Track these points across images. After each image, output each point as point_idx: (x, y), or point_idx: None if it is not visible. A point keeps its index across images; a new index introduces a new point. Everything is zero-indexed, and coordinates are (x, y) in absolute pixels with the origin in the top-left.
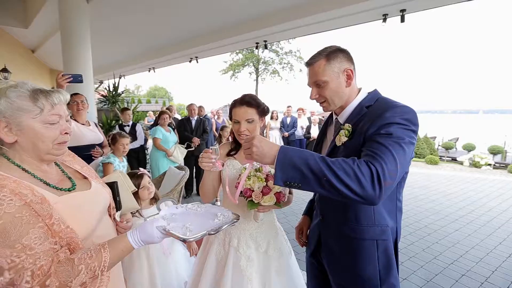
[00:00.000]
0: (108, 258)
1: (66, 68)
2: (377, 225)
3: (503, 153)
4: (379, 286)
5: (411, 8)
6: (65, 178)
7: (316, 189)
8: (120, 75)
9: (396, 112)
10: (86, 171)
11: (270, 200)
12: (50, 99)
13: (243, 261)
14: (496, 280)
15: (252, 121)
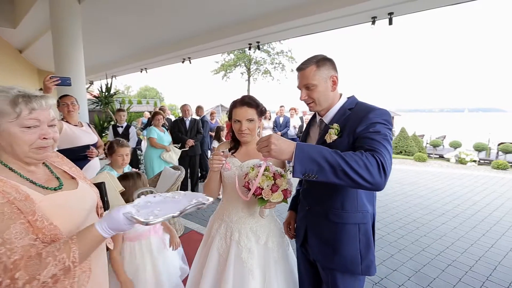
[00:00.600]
0: (77, 249)
1: (58, 69)
2: (360, 211)
3: (487, 150)
4: (360, 263)
5: (399, 11)
6: (53, 178)
7: (332, 179)
8: (111, 75)
9: (377, 114)
10: (74, 171)
11: (278, 197)
12: (29, 105)
13: (245, 254)
14: (479, 269)
15: (252, 120)
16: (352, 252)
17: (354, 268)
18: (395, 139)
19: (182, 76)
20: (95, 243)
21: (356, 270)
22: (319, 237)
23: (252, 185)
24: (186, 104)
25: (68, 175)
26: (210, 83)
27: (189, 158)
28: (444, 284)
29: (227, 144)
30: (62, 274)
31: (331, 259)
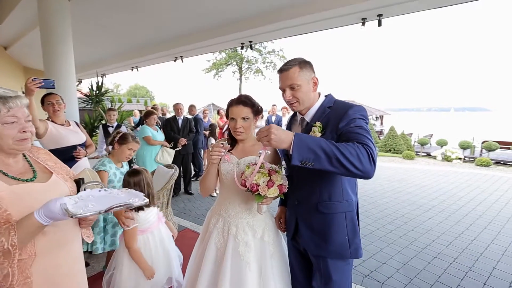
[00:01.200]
0: (16, 234)
1: (46, 67)
2: (345, 200)
3: (472, 148)
4: (348, 247)
5: (388, 13)
6: (29, 171)
7: (327, 166)
8: (101, 73)
9: (355, 110)
10: (55, 167)
11: (274, 192)
12: (7, 104)
13: (242, 247)
14: (463, 260)
15: (247, 119)
16: (342, 239)
17: (344, 252)
18: (384, 138)
19: (173, 74)
20: (33, 229)
21: (346, 254)
22: (310, 228)
23: (248, 182)
24: (178, 103)
25: (47, 170)
26: (202, 82)
27: (182, 157)
28: (430, 275)
29: (224, 142)
30: (2, 255)
31: (323, 247)
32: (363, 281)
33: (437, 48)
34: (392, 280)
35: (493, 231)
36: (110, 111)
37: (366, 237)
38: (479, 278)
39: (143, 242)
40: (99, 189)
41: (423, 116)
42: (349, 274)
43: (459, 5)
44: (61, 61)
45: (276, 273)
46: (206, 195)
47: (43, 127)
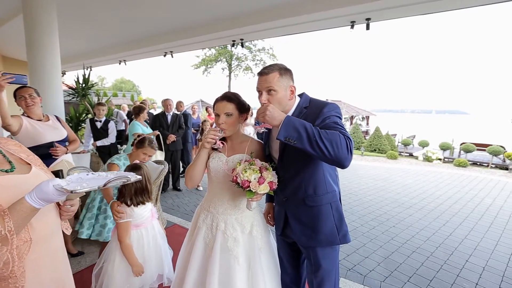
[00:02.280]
0: (10, 220)
1: (30, 58)
2: (329, 192)
3: (451, 149)
4: (337, 235)
5: (376, 17)
6: (5, 162)
7: (306, 146)
8: (87, 66)
9: (330, 108)
10: (31, 159)
11: (265, 188)
12: None
13: (230, 242)
14: (439, 254)
15: (231, 114)
16: (330, 228)
17: (334, 239)
18: (370, 138)
19: (161, 69)
20: (27, 213)
21: (335, 241)
22: (299, 222)
23: (239, 178)
24: (168, 99)
25: (23, 161)
26: (190, 78)
27: (171, 153)
28: (409, 268)
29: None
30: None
31: (314, 238)
32: (347, 274)
33: (422, 52)
34: (373, 273)
35: (467, 227)
36: (100, 105)
37: (351, 233)
38: (453, 271)
39: (137, 238)
40: (87, 173)
41: (407, 117)
42: (337, 260)
43: (444, 12)
44: (46, 52)
45: (264, 267)
46: (192, 185)
47: (16, 123)
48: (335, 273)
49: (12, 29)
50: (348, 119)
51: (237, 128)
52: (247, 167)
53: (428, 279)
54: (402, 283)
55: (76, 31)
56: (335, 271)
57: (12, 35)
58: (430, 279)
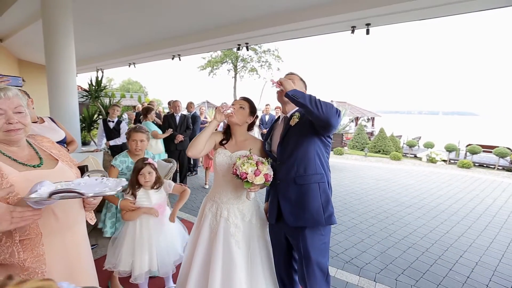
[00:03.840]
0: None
1: (49, 62)
2: (318, 173)
3: (457, 151)
4: (323, 214)
5: (375, 22)
6: (36, 157)
7: (307, 103)
8: (98, 68)
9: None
10: (60, 155)
11: (260, 180)
12: None
13: (232, 228)
14: (434, 250)
15: (243, 108)
16: (316, 206)
17: (319, 218)
18: (374, 139)
19: (167, 71)
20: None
21: (321, 221)
22: (289, 201)
23: (238, 170)
24: (176, 100)
25: (52, 157)
26: (196, 79)
27: (179, 152)
28: (404, 262)
29: (221, 134)
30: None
31: (301, 216)
32: (344, 266)
33: (432, 53)
34: (369, 265)
35: (465, 225)
36: (115, 106)
37: (350, 229)
38: (446, 265)
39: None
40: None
41: (414, 118)
42: (326, 251)
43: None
44: (63, 56)
45: (263, 251)
46: (192, 153)
47: None
48: (325, 263)
49: (29, 34)
50: (353, 120)
51: (242, 123)
52: (245, 161)
53: (422, 271)
54: (396, 275)
55: (89, 35)
56: (325, 262)
57: (29, 39)
58: (424, 272)
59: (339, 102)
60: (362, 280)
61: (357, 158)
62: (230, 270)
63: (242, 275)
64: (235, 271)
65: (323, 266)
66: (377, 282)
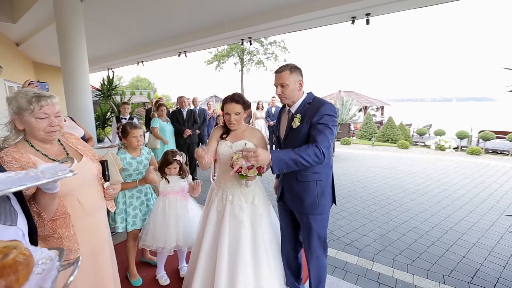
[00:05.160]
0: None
1: (63, 63)
2: (316, 172)
3: (469, 138)
4: (318, 204)
5: (375, 12)
6: (63, 153)
7: (295, 168)
8: (108, 67)
9: (326, 108)
10: (85, 151)
11: (254, 172)
12: (40, 102)
13: (237, 210)
14: (434, 233)
15: (239, 113)
16: (313, 198)
17: (314, 209)
18: (382, 128)
19: (175, 66)
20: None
21: (316, 211)
22: (291, 193)
23: (234, 165)
24: (183, 96)
25: (78, 152)
26: (204, 74)
27: (188, 146)
28: (402, 244)
29: (221, 129)
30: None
31: (301, 206)
32: (344, 248)
33: (446, 38)
34: (369, 247)
35: (467, 210)
36: (125, 104)
37: (352, 215)
38: (443, 246)
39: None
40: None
41: (427, 106)
42: (325, 224)
43: (442, 4)
44: (76, 58)
45: (265, 230)
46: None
47: None
48: (324, 233)
49: (43, 37)
50: (361, 109)
51: (242, 121)
52: (239, 156)
53: (419, 252)
54: (393, 255)
55: (100, 36)
56: (323, 232)
57: (43, 43)
58: (421, 252)
59: (346, 92)
60: (360, 260)
61: (364, 148)
62: (236, 248)
63: (247, 252)
64: (240, 250)
65: (321, 235)
66: (375, 262)
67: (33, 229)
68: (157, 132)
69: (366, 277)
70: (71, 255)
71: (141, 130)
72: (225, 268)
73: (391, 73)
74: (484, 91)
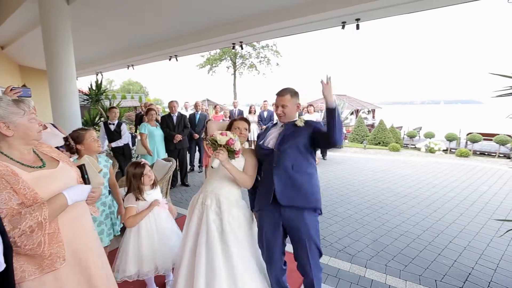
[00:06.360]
0: (47, 210)
1: (49, 68)
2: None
3: (458, 140)
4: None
5: (365, 17)
6: (38, 160)
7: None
8: (98, 72)
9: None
10: (61, 157)
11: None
12: (26, 104)
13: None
14: (425, 237)
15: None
16: (307, 190)
17: (309, 200)
18: (374, 131)
19: (167, 70)
20: (61, 208)
21: (311, 203)
22: (284, 185)
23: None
24: (173, 101)
25: (53, 159)
26: (196, 77)
27: (178, 151)
28: (394, 249)
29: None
30: (36, 226)
31: (295, 198)
32: (337, 254)
33: (434, 42)
34: (361, 253)
35: (457, 212)
36: (113, 109)
37: (344, 220)
38: (435, 250)
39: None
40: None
41: (416, 109)
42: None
43: (427, 11)
44: (63, 62)
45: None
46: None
47: None
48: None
49: (29, 40)
50: (353, 112)
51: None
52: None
53: (411, 257)
54: (386, 261)
55: (88, 40)
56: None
57: (29, 46)
58: (413, 257)
59: (338, 96)
60: (353, 267)
61: (356, 151)
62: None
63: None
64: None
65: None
66: (368, 268)
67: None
68: (144, 139)
69: (359, 284)
70: (58, 262)
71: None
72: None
73: (382, 77)
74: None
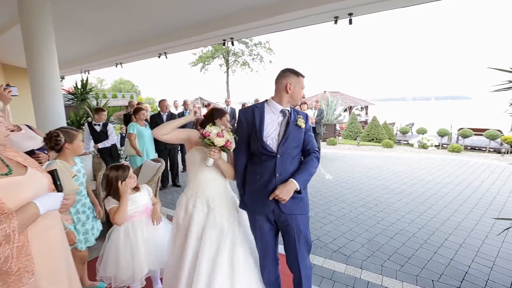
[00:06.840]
0: (16, 221)
1: (30, 66)
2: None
3: (449, 135)
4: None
5: (357, 12)
6: (3, 166)
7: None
8: (84, 70)
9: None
10: (28, 162)
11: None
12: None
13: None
14: (421, 235)
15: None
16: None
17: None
18: (367, 128)
19: (159, 68)
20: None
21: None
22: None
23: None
24: (164, 100)
25: (21, 164)
26: (189, 76)
27: (168, 151)
28: (390, 248)
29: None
30: (4, 240)
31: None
32: (332, 255)
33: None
34: (357, 253)
35: (451, 209)
36: (101, 111)
37: (339, 219)
38: (431, 248)
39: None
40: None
41: (408, 105)
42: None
43: (422, 4)
44: (44, 60)
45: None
46: (155, 134)
47: None
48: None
49: (11, 37)
50: (346, 109)
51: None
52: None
53: (407, 257)
54: (382, 261)
55: (72, 37)
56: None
57: (12, 43)
58: (409, 256)
59: (332, 92)
60: (348, 268)
61: (350, 148)
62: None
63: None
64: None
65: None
66: (363, 269)
67: None
68: (133, 139)
69: (355, 287)
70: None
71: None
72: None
73: (374, 73)
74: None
